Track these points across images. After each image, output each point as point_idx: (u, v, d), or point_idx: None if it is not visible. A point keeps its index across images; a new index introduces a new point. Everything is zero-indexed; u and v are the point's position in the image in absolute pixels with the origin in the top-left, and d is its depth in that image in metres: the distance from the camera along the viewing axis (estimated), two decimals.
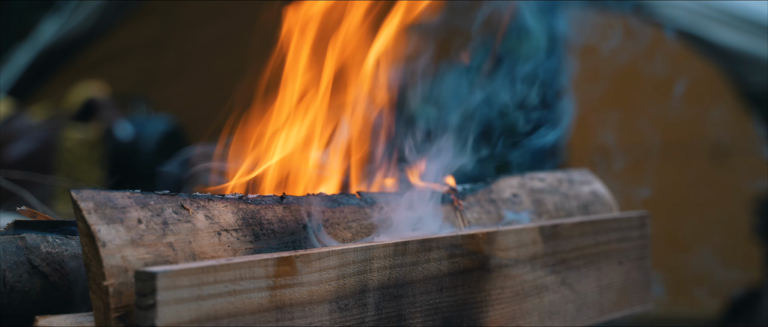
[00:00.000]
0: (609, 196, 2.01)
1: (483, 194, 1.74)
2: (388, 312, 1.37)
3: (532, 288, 1.63)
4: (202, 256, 1.22)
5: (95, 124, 5.67)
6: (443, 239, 1.46)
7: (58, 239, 1.30)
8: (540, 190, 1.86)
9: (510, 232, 1.58)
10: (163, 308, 1.05)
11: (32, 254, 1.26)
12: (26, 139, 5.29)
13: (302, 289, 1.23)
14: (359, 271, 1.32)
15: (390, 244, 1.37)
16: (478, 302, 1.52)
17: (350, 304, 1.31)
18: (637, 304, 1.91)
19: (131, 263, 1.12)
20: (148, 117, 6.06)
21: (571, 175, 1.99)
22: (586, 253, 1.75)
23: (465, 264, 1.49)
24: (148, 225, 1.17)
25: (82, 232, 1.13)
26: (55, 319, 1.16)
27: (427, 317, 1.43)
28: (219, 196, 1.31)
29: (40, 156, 5.29)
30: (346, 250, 1.31)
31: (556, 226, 1.69)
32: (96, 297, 1.12)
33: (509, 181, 1.83)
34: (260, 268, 1.17)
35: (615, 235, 1.84)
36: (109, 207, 1.15)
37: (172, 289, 1.06)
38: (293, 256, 1.23)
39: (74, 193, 1.14)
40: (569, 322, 1.71)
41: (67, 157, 5.46)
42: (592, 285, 1.77)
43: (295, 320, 1.22)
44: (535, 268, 1.63)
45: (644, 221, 1.93)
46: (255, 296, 1.17)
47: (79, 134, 5.57)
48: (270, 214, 1.35)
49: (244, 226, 1.30)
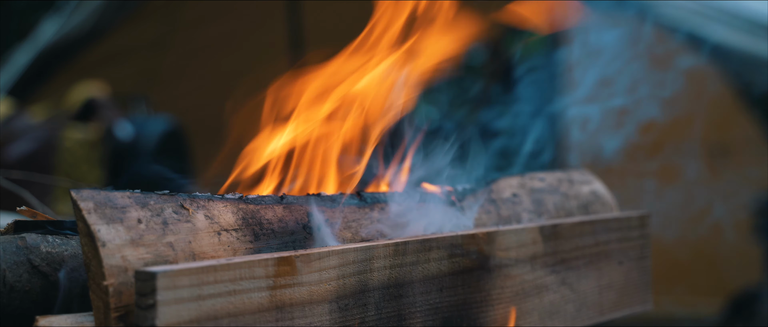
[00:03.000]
0: (609, 196, 2.01)
1: (483, 194, 1.74)
2: (388, 312, 1.36)
3: (532, 288, 1.63)
4: (202, 256, 1.22)
5: (95, 124, 5.67)
6: (443, 239, 1.46)
7: (58, 239, 1.30)
8: (540, 190, 1.86)
9: (510, 232, 1.58)
10: (163, 308, 1.05)
11: (32, 254, 1.26)
12: (26, 139, 5.29)
13: (302, 289, 1.23)
14: (359, 271, 1.32)
15: (390, 244, 1.37)
16: (478, 302, 1.52)
17: (350, 304, 1.31)
18: (637, 304, 1.91)
19: (131, 263, 1.12)
20: (148, 117, 6.07)
21: (571, 175, 1.99)
22: (586, 253, 1.75)
23: (465, 264, 1.49)
24: (148, 225, 1.17)
25: (82, 232, 1.13)
26: (55, 319, 1.16)
27: (427, 317, 1.43)
28: (219, 196, 1.31)
29: (40, 156, 5.29)
30: (346, 250, 1.31)
31: (556, 226, 1.69)
32: (96, 297, 1.12)
33: (509, 181, 1.83)
34: (260, 268, 1.17)
35: (615, 235, 1.84)
36: (108, 207, 1.15)
37: (172, 288, 1.06)
38: (293, 255, 1.23)
39: (74, 193, 1.14)
40: (569, 322, 1.71)
41: (67, 157, 5.46)
42: (592, 285, 1.77)
43: (295, 320, 1.22)
44: (535, 268, 1.63)
45: (644, 221, 1.93)
46: (255, 296, 1.17)
47: (79, 134, 5.57)
48: (270, 214, 1.35)
49: (244, 226, 1.30)
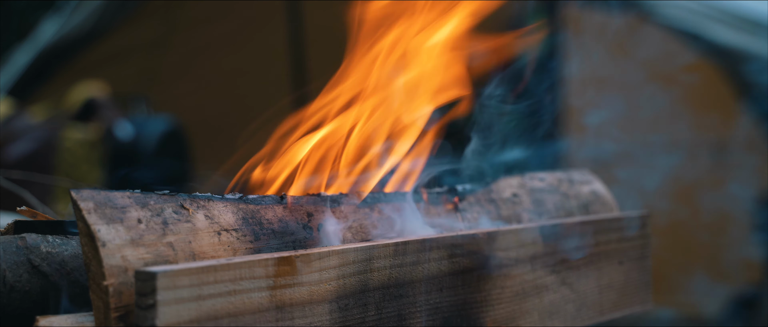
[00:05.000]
0: (609, 196, 2.01)
1: (483, 194, 1.74)
2: (389, 312, 1.36)
3: (532, 288, 1.63)
4: (202, 255, 1.22)
5: (95, 124, 5.67)
6: (443, 239, 1.46)
7: (58, 239, 1.30)
8: (540, 190, 1.86)
9: (510, 232, 1.58)
10: (163, 308, 1.05)
11: (32, 254, 1.26)
12: (26, 139, 5.30)
13: (302, 289, 1.23)
14: (360, 270, 1.32)
15: (390, 244, 1.37)
16: (478, 302, 1.52)
17: (350, 304, 1.31)
18: (637, 304, 1.91)
19: (131, 263, 1.12)
20: (148, 117, 6.07)
21: (571, 175, 1.99)
22: (586, 253, 1.75)
23: (465, 264, 1.49)
24: (148, 225, 1.17)
25: (82, 232, 1.13)
26: (56, 319, 1.16)
27: (428, 317, 1.43)
28: (219, 196, 1.31)
29: (40, 156, 5.30)
30: (347, 250, 1.30)
31: (557, 226, 1.69)
32: (96, 297, 1.12)
33: (509, 181, 1.83)
34: (260, 268, 1.17)
35: (615, 234, 1.84)
36: (109, 207, 1.15)
37: (172, 288, 1.06)
38: (293, 255, 1.22)
39: (74, 193, 1.14)
40: (569, 322, 1.71)
41: (67, 157, 5.46)
42: (592, 285, 1.77)
43: (295, 320, 1.22)
44: (535, 267, 1.63)
45: (644, 221, 1.93)
46: (255, 296, 1.17)
47: (79, 134, 5.57)
48: (270, 214, 1.35)
49: (244, 226, 1.30)
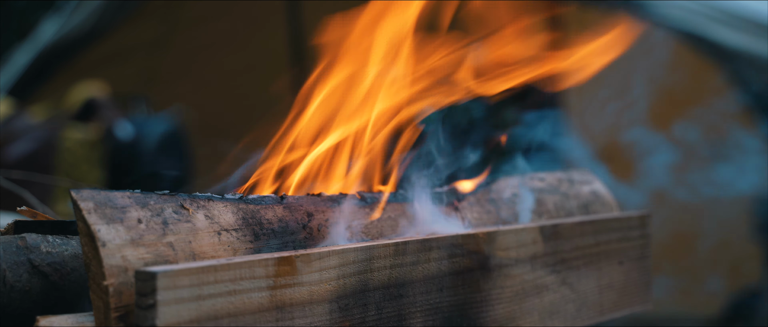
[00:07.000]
0: (609, 196, 2.01)
1: (483, 194, 1.74)
2: (389, 312, 1.36)
3: (532, 288, 1.63)
4: (202, 255, 1.21)
5: (95, 124, 5.67)
6: (443, 239, 1.46)
7: (58, 239, 1.30)
8: (540, 190, 1.86)
9: (510, 232, 1.58)
10: (163, 308, 1.05)
11: (32, 254, 1.26)
12: (26, 139, 5.30)
13: (302, 289, 1.23)
14: (360, 270, 1.32)
15: (390, 244, 1.37)
16: (478, 302, 1.52)
17: (351, 303, 1.31)
18: (637, 304, 1.91)
19: (131, 263, 1.12)
20: (148, 117, 6.07)
21: (571, 175, 1.98)
22: (587, 253, 1.75)
23: (465, 264, 1.49)
24: (148, 225, 1.17)
25: (82, 232, 1.13)
26: (56, 319, 1.16)
27: (428, 317, 1.43)
28: (219, 196, 1.31)
29: (40, 156, 5.30)
30: (347, 250, 1.30)
31: (557, 226, 1.69)
32: (96, 297, 1.12)
33: (509, 181, 1.83)
34: (260, 268, 1.17)
35: (615, 234, 1.84)
36: (109, 207, 1.15)
37: (172, 288, 1.06)
38: (293, 255, 1.22)
39: (74, 193, 1.14)
40: (569, 322, 1.71)
41: (67, 157, 5.46)
42: (592, 285, 1.77)
43: (295, 320, 1.22)
44: (536, 267, 1.63)
45: (645, 221, 1.93)
46: (255, 296, 1.17)
47: (79, 134, 5.57)
48: (270, 214, 1.35)
49: (244, 226, 1.30)
